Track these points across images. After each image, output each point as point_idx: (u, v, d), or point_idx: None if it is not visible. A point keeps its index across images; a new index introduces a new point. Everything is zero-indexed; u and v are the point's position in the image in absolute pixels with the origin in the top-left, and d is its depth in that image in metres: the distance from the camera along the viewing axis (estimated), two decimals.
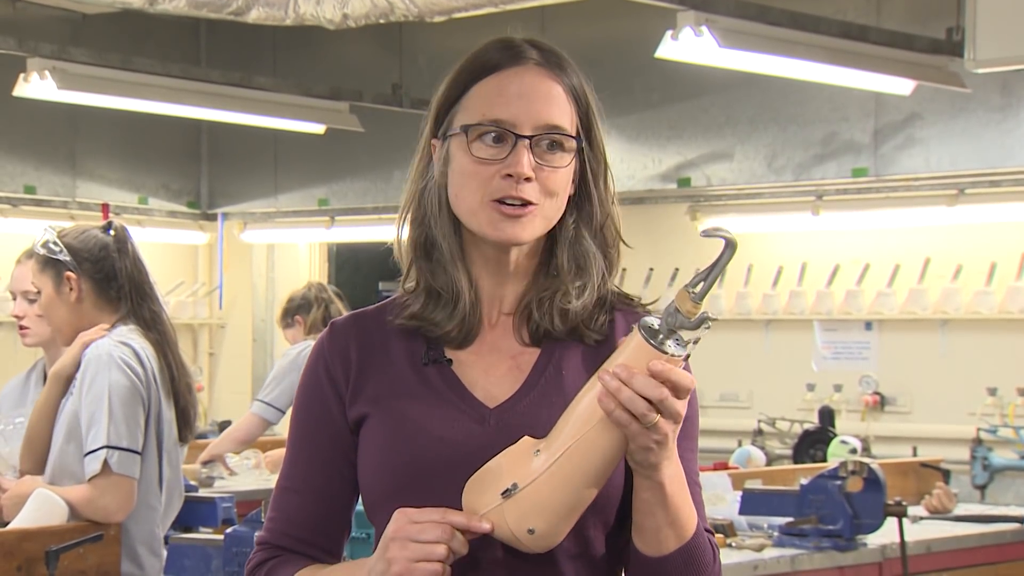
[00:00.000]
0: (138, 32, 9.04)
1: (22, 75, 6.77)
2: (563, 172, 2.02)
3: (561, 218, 2.05)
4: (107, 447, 3.71)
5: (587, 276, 2.05)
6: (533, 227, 2.00)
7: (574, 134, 2.03)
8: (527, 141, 1.99)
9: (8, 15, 8.59)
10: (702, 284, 1.88)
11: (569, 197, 2.05)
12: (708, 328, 1.88)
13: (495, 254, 2.04)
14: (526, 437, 1.91)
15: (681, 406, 1.86)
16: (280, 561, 2.07)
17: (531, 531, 1.88)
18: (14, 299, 4.24)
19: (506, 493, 1.88)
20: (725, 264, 1.91)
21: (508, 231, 1.99)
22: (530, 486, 1.88)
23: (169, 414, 3.87)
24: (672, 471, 1.91)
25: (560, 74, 2.04)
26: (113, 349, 3.79)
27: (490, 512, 1.89)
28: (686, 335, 1.88)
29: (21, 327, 4.19)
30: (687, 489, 1.96)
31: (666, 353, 1.86)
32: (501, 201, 1.99)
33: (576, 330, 2.04)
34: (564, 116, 2.02)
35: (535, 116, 2.01)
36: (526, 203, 1.99)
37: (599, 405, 1.85)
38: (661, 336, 1.86)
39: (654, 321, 1.88)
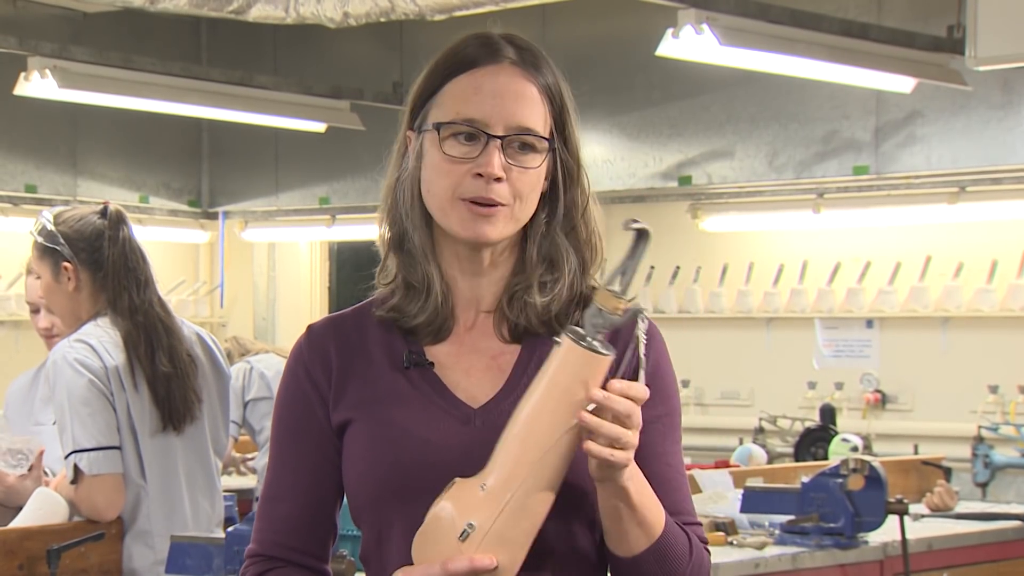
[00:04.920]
0: (139, 31, 9.04)
1: (23, 74, 6.77)
2: (534, 173, 2.01)
3: (533, 214, 2.04)
4: (75, 451, 3.69)
5: (559, 272, 2.04)
6: (503, 227, 2.00)
7: (546, 135, 2.02)
8: (499, 141, 1.99)
9: (9, 14, 8.59)
10: (620, 279, 1.88)
11: (542, 194, 2.05)
12: (644, 321, 1.89)
13: (468, 252, 2.04)
14: (457, 478, 1.89)
15: (638, 415, 1.86)
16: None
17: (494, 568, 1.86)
18: (36, 312, 4.16)
19: (463, 536, 1.85)
20: (641, 255, 1.89)
21: (477, 230, 1.99)
22: (492, 524, 1.85)
23: (142, 404, 3.80)
24: (631, 471, 1.90)
25: (535, 74, 2.03)
26: (67, 351, 3.73)
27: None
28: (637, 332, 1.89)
29: (50, 336, 4.09)
30: (648, 486, 1.95)
31: (599, 354, 1.85)
32: (471, 200, 1.99)
33: (550, 325, 2.03)
34: (537, 117, 2.02)
35: (508, 117, 2.00)
36: (499, 203, 1.99)
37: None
38: (588, 339, 1.85)
39: (579, 327, 1.88)
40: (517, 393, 1.99)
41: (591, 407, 1.84)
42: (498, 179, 1.98)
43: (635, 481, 1.91)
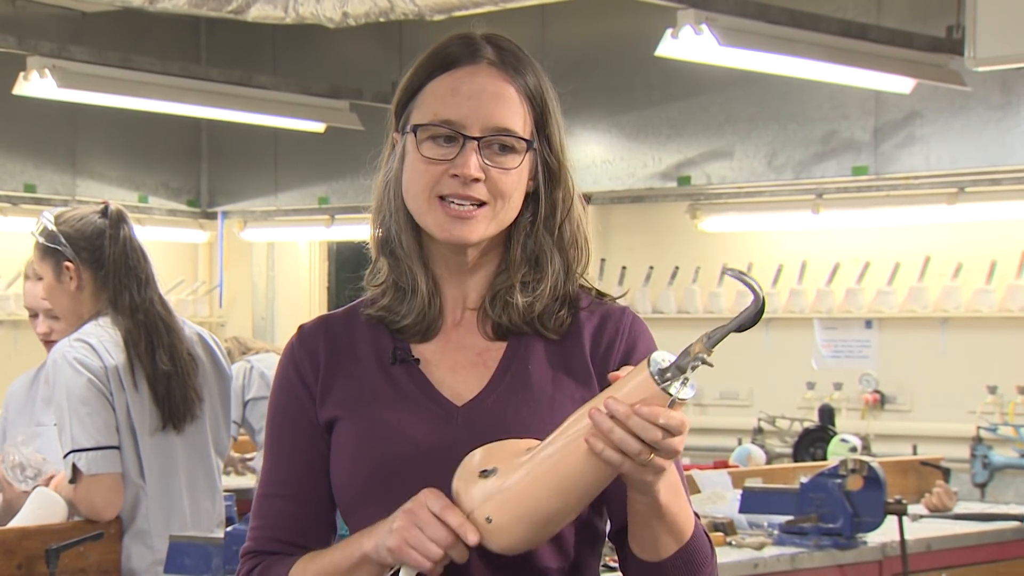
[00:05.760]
0: (138, 30, 9.04)
1: (22, 73, 6.77)
2: (514, 174, 2.01)
3: (518, 215, 2.04)
4: (73, 451, 3.69)
5: (542, 272, 2.05)
6: (483, 228, 2.00)
7: (526, 135, 2.01)
8: (475, 143, 1.99)
9: (8, 13, 8.59)
10: (718, 331, 1.83)
11: (526, 194, 2.04)
12: (695, 368, 1.83)
13: (452, 253, 2.04)
14: (530, 439, 1.89)
15: (678, 443, 1.81)
16: (272, 561, 2.05)
17: (488, 520, 1.86)
18: (35, 316, 4.16)
19: (484, 473, 1.87)
20: (750, 316, 1.85)
21: (456, 232, 1.99)
22: (505, 478, 1.86)
23: (142, 404, 3.80)
24: (667, 482, 1.88)
25: (514, 75, 2.03)
26: (67, 350, 3.74)
27: (467, 490, 1.87)
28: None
29: (49, 341, 4.09)
30: (683, 492, 1.94)
31: (668, 394, 1.81)
32: (446, 198, 1.99)
33: (533, 325, 2.04)
34: (516, 118, 2.01)
35: (485, 117, 2.00)
36: (478, 203, 1.99)
37: (587, 443, 1.81)
38: (668, 375, 1.81)
39: (666, 358, 1.83)
40: (500, 391, 2.01)
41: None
42: (476, 179, 1.98)
43: (670, 490, 1.90)
